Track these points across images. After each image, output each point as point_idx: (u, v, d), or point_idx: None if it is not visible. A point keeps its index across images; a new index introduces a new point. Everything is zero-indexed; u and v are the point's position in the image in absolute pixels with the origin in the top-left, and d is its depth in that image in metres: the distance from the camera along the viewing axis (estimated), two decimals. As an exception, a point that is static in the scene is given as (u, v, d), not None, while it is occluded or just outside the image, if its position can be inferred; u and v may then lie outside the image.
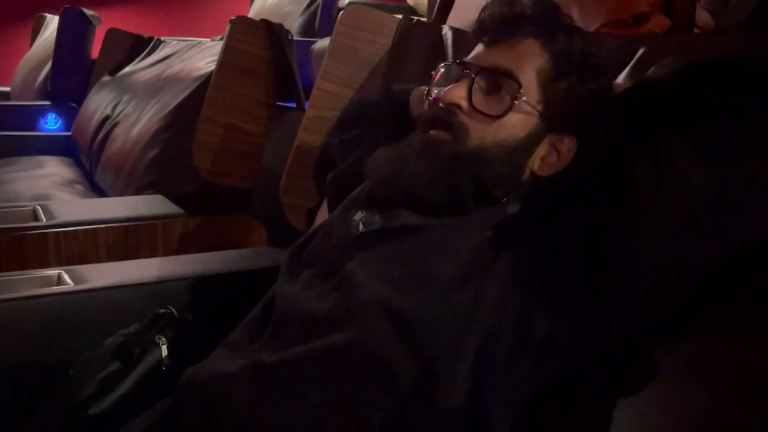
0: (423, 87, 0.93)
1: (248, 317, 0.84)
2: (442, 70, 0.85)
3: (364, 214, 0.81)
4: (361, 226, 0.80)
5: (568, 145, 0.79)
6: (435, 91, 0.83)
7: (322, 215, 1.25)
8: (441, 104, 0.80)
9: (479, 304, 0.68)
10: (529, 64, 0.78)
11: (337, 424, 0.67)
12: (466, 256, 0.71)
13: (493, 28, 0.81)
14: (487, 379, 0.67)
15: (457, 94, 0.78)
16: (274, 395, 0.69)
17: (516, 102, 0.76)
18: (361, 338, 0.69)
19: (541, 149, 0.79)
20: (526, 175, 0.79)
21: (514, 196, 0.78)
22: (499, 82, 0.78)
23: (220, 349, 0.81)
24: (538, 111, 0.77)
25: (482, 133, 0.77)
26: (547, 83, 0.78)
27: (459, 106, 0.78)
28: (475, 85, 0.78)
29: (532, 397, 0.69)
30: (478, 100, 0.78)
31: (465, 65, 0.81)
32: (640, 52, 0.90)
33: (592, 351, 0.69)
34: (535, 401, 0.69)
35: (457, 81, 0.80)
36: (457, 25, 1.33)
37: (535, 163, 0.79)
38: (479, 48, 0.82)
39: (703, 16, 1.60)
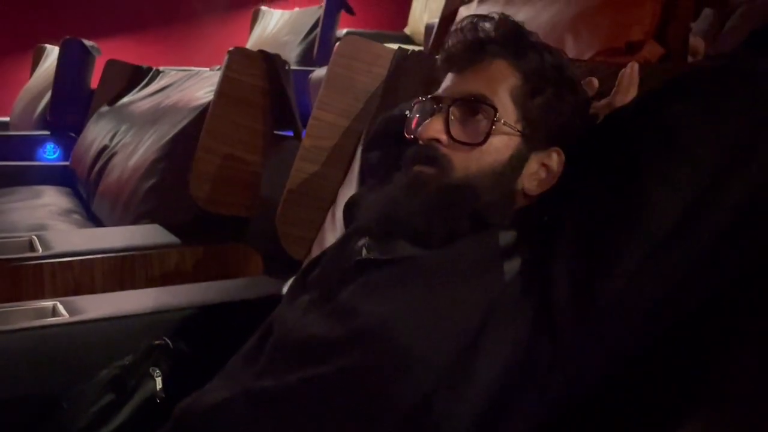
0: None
1: (245, 346, 0.84)
2: (416, 107, 0.85)
3: (367, 239, 0.81)
4: (364, 252, 0.80)
5: (556, 160, 0.78)
6: (413, 130, 0.83)
7: (319, 244, 1.25)
8: (421, 141, 0.79)
9: (483, 330, 0.68)
10: (502, 86, 0.78)
11: None
12: (466, 285, 0.71)
13: (460, 56, 0.81)
14: (498, 403, 0.67)
15: (435, 128, 0.78)
16: (268, 422, 0.69)
17: (494, 126, 0.76)
18: (359, 364, 0.68)
19: (529, 168, 0.78)
20: (518, 197, 0.79)
21: (506, 221, 0.77)
22: (474, 108, 0.78)
23: (217, 379, 0.81)
24: (518, 130, 0.77)
25: (466, 163, 0.77)
26: (522, 101, 0.78)
27: (438, 140, 0.78)
28: (451, 117, 0.78)
29: (548, 418, 0.69)
30: (456, 130, 0.77)
31: (438, 99, 0.81)
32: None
33: (603, 373, 0.68)
34: (551, 422, 0.69)
35: (432, 116, 0.80)
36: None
37: (525, 182, 0.78)
38: (449, 78, 0.82)
39: (696, 44, 1.62)
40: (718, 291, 0.66)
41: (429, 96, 0.83)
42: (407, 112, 0.87)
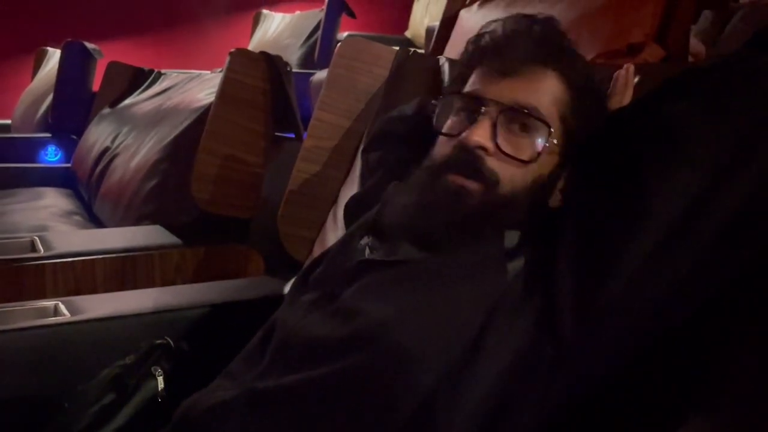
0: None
1: (248, 346, 0.84)
2: (454, 101, 0.81)
3: (371, 239, 0.81)
4: (367, 251, 0.80)
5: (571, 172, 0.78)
6: (449, 128, 0.79)
7: (320, 244, 1.25)
8: (463, 145, 0.76)
9: (484, 330, 0.68)
10: (551, 99, 0.76)
11: None
12: (468, 285, 0.71)
13: (511, 57, 0.77)
14: (499, 404, 0.67)
15: (482, 135, 0.74)
16: (270, 422, 0.69)
17: (547, 145, 0.74)
18: (361, 365, 0.68)
19: (559, 184, 0.77)
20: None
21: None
22: (527, 122, 0.75)
23: (219, 379, 0.81)
24: (561, 148, 0.76)
25: (513, 178, 0.74)
26: (567, 118, 0.77)
27: (484, 148, 0.74)
28: (499, 125, 0.75)
29: (548, 418, 0.69)
30: (504, 142, 0.74)
31: (482, 100, 0.76)
32: (634, 81, 0.91)
33: (603, 373, 0.68)
34: (552, 423, 0.69)
35: (473, 115, 0.76)
36: (453, 56, 1.35)
37: (553, 198, 0.77)
38: (491, 78, 0.78)
39: (696, 46, 1.62)
40: (718, 291, 0.66)
41: (468, 93, 0.78)
42: (434, 102, 0.83)
